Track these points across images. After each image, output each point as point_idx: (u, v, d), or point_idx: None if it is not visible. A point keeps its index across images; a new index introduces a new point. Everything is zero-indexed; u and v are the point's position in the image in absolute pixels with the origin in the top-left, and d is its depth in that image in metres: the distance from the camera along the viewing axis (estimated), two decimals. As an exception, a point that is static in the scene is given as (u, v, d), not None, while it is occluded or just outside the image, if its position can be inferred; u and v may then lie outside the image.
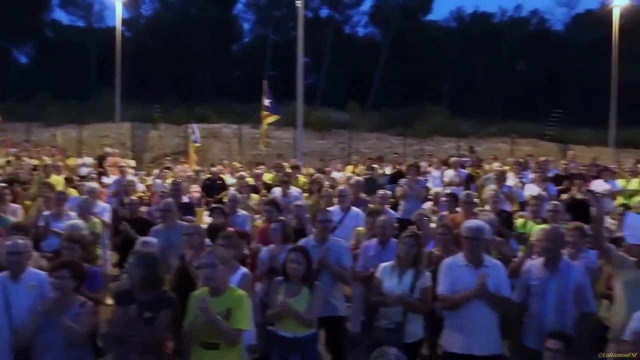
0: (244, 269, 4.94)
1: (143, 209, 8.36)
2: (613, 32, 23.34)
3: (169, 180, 10.50)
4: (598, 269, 5.15)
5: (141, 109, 27.20)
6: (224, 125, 26.73)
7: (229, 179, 11.96)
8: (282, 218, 6.27)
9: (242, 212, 7.60)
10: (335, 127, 27.70)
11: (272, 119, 16.65)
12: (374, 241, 5.71)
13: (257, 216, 7.98)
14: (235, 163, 15.07)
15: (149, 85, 33.98)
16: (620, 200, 8.97)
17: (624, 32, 23.79)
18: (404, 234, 4.86)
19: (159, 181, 12.26)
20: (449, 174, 11.46)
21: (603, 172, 9.93)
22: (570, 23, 43.98)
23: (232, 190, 9.30)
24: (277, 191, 9.12)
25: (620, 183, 9.73)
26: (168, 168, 14.24)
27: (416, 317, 4.69)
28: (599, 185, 9.32)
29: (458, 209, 7.11)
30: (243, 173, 11.56)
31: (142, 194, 10.96)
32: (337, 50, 38.77)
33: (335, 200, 7.45)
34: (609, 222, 7.21)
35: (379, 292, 4.77)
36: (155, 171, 14.32)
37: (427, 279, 4.66)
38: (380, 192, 7.90)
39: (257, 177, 11.04)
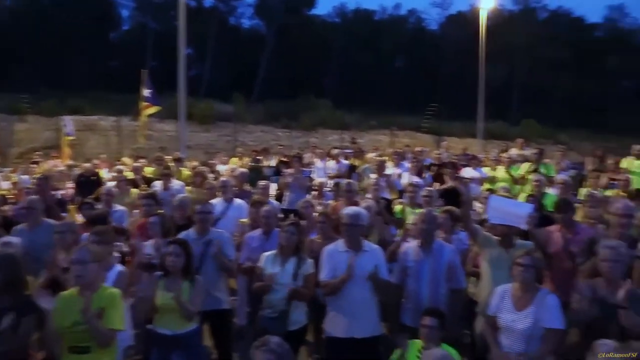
0: (120, 267, 4.68)
1: (8, 207, 7.66)
2: (480, 32, 25.21)
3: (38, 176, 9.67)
4: (468, 249, 5.50)
5: (6, 99, 24.81)
6: (101, 117, 25.15)
7: (106, 174, 11.28)
8: (161, 211, 6.02)
9: (119, 207, 7.20)
10: (220, 119, 27.21)
11: (152, 110, 15.92)
12: (257, 232, 5.67)
13: (135, 211, 7.59)
14: (125, 158, 14.16)
15: (15, 73, 31.05)
16: (486, 186, 9.69)
17: (490, 33, 25.82)
18: (286, 223, 4.88)
19: (25, 177, 11.26)
20: (330, 164, 11.73)
21: (472, 161, 10.71)
22: (444, 23, 46.92)
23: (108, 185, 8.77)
24: (157, 185, 8.77)
25: (486, 170, 10.53)
26: (35, 163, 13.12)
27: (299, 304, 4.73)
28: (468, 173, 10.03)
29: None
30: (121, 167, 10.96)
31: (6, 192, 10.05)
32: (222, 42, 38.08)
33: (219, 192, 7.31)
34: (476, 205, 7.76)
35: (260, 281, 4.75)
36: (23, 167, 13.13)
37: (309, 266, 4.71)
38: (262, 182, 7.85)
39: (137, 170, 10.52)
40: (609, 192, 8.66)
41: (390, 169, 9.82)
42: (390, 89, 39.31)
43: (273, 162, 13.69)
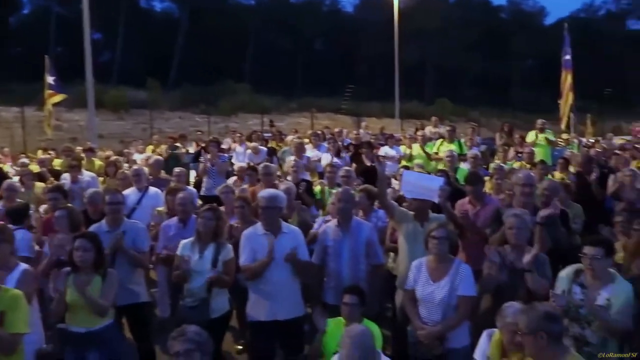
0: (24, 265, 4.37)
1: None
2: (395, 14, 25.72)
3: None
4: (387, 226, 5.60)
5: None
6: (3, 108, 23.44)
7: (10, 169, 10.53)
8: (69, 205, 5.70)
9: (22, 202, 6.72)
10: (134, 106, 26.17)
11: (57, 98, 14.98)
12: (173, 220, 5.50)
13: (43, 207, 7.13)
14: (50, 152, 13.13)
15: None
16: (403, 163, 9.97)
17: (404, 16, 26.41)
18: (202, 209, 4.77)
19: None
20: (238, 149, 11.70)
21: (388, 140, 10.97)
22: (359, 5, 47.46)
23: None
24: (66, 178, 8.27)
25: (403, 149, 10.83)
26: None
27: (221, 291, 4.65)
28: (385, 151, 10.28)
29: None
30: (25, 160, 10.27)
31: None
32: (133, 26, 36.43)
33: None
34: (394, 183, 7.93)
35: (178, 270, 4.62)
36: None
37: (228, 252, 4.63)
38: (178, 169, 7.63)
39: (42, 163, 9.89)
40: (516, 164, 9.15)
41: (310, 151, 9.86)
42: (309, 72, 39.38)
43: (192, 149, 13.36)
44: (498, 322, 3.47)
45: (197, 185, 9.37)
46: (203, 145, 13.18)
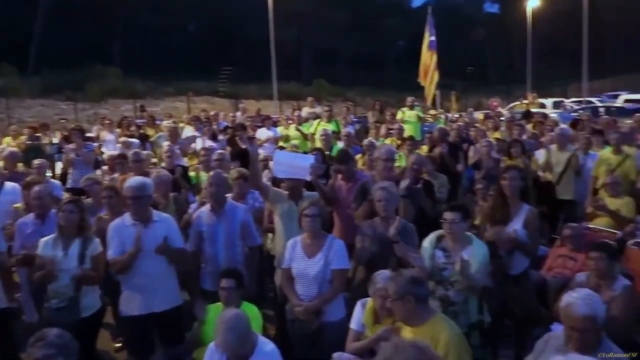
0: None
1: None
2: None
3: None
4: (264, 206, 5.60)
5: None
6: None
7: None
8: None
9: None
10: (-13, 94, 23.69)
11: None
12: (30, 216, 5.06)
13: None
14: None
15: None
16: (280, 144, 10.01)
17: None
18: (63, 201, 4.43)
19: None
20: (108, 137, 11.13)
21: (265, 121, 10.95)
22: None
23: None
24: None
25: (280, 130, 10.88)
26: None
27: (91, 288, 4.39)
28: (262, 133, 10.26)
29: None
30: None
31: None
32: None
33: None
34: (271, 164, 7.94)
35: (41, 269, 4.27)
36: None
37: (96, 246, 4.36)
38: (37, 161, 7.03)
39: None
40: (387, 141, 9.57)
41: (190, 133, 9.61)
42: (184, 55, 37.97)
43: (56, 139, 12.40)
44: (370, 289, 3.63)
45: (63, 177, 8.72)
46: (66, 134, 12.30)
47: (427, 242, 4.05)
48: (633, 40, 56.81)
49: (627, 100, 22.91)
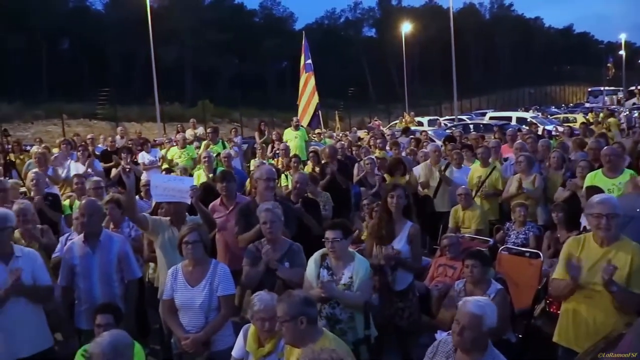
0: None
1: None
2: (148, 13, 24.73)
3: None
4: (141, 234, 5.28)
5: None
6: None
7: None
8: None
9: None
10: None
11: None
12: None
13: None
14: None
15: None
16: (165, 166, 9.66)
17: (157, 15, 25.60)
18: None
19: None
20: None
21: (144, 144, 10.51)
22: (109, 3, 44.63)
23: None
24: None
25: (164, 152, 10.53)
26: None
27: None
28: (143, 157, 9.84)
29: None
30: None
31: None
32: None
33: None
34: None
35: None
36: None
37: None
38: None
39: None
40: (272, 161, 9.58)
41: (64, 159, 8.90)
42: (55, 74, 35.61)
43: None
44: (248, 313, 3.53)
45: None
46: None
47: (312, 261, 4.05)
48: (489, 64, 62.86)
49: (492, 117, 25.01)
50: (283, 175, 8.21)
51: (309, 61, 13.26)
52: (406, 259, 4.52)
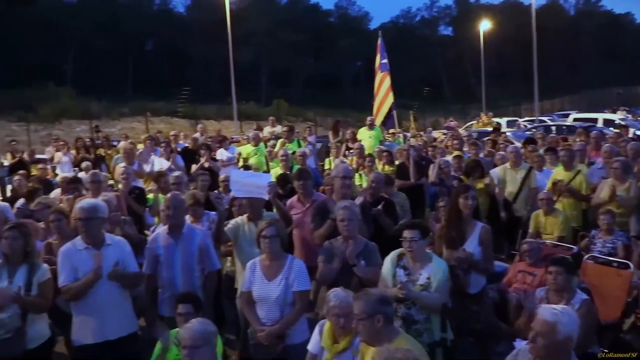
0: None
1: None
2: (227, 15, 25.52)
3: None
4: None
5: None
6: None
7: None
8: None
9: None
10: None
11: None
12: None
13: None
14: None
15: None
16: (241, 163, 9.95)
17: (235, 16, 26.35)
18: (6, 227, 4.19)
19: None
20: (64, 159, 10.87)
21: (222, 142, 10.85)
22: (191, 6, 46.41)
23: None
24: None
25: (241, 149, 10.83)
26: None
27: (38, 317, 4.15)
28: (221, 154, 10.18)
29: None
30: None
31: None
32: None
33: None
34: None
35: None
36: None
37: (44, 272, 4.14)
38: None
39: None
40: (349, 160, 9.60)
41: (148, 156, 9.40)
42: (140, 74, 37.50)
43: (6, 162, 11.97)
44: (324, 309, 3.56)
45: (12, 202, 8.36)
46: (22, 156, 11.93)
47: (388, 260, 4.03)
48: (573, 63, 59.64)
49: (576, 119, 23.81)
50: (357, 175, 8.21)
51: (385, 60, 13.12)
52: (478, 261, 4.42)
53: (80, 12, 36.95)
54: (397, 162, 9.05)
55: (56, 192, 8.28)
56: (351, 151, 10.09)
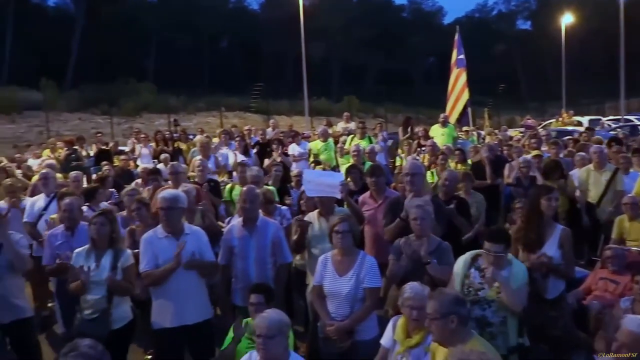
0: None
1: None
2: (300, 11, 25.80)
3: None
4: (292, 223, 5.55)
5: None
6: None
7: None
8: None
9: None
10: (27, 108, 24.40)
11: None
12: (59, 228, 5.11)
13: None
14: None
15: None
16: (311, 159, 10.04)
17: (307, 13, 26.58)
18: (94, 215, 4.47)
19: None
20: (144, 151, 11.38)
21: (295, 137, 11.00)
22: (264, 3, 47.24)
23: None
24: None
25: (312, 145, 10.93)
26: None
27: (122, 299, 4.40)
28: (293, 149, 10.32)
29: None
30: None
31: None
32: (23, 22, 33.93)
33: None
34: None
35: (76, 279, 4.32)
36: None
37: (128, 258, 4.38)
38: (73, 173, 7.20)
39: None
40: (421, 158, 9.46)
41: (220, 150, 9.70)
42: (215, 70, 38.62)
43: (92, 152, 12.69)
44: (399, 300, 3.54)
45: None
46: (106, 147, 12.59)
47: (461, 260, 3.94)
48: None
49: (666, 119, 22.27)
50: (429, 173, 8.08)
51: (462, 56, 12.85)
52: (558, 265, 4.23)
53: (161, 12, 38.53)
54: (469, 161, 8.85)
55: (136, 183, 8.74)
56: (423, 149, 9.94)
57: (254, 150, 10.37)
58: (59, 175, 8.01)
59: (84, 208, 5.62)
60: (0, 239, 4.36)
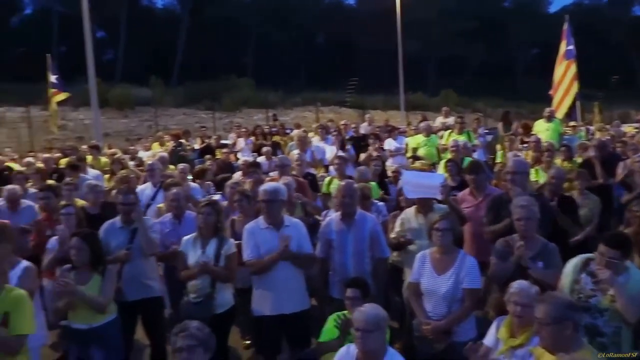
0: (25, 262, 4.34)
1: None
2: (397, 6, 25.51)
3: None
4: (388, 219, 5.54)
5: None
6: (8, 108, 23.42)
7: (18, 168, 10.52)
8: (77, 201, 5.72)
9: (27, 202, 6.66)
10: (138, 104, 26.16)
11: (61, 96, 15.04)
12: (167, 216, 5.44)
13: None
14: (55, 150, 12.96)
15: None
16: (409, 154, 9.91)
17: (403, 6, 26.21)
18: (201, 204, 4.72)
19: None
20: (244, 144, 11.73)
21: (391, 132, 10.90)
22: (360, -3, 47.09)
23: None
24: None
25: (407, 140, 10.79)
26: None
27: (225, 286, 4.61)
28: (389, 144, 10.24)
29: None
30: (31, 159, 10.26)
31: None
32: (135, 23, 36.36)
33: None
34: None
35: (184, 267, 4.59)
36: None
37: (231, 246, 4.59)
38: (180, 165, 7.62)
39: (46, 162, 9.87)
40: (521, 154, 9.04)
41: (317, 144, 9.85)
42: (311, 66, 39.16)
43: (197, 145, 13.36)
44: (506, 296, 3.42)
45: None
46: (209, 141, 13.21)
47: (571, 265, 3.68)
48: None
49: None
50: (533, 170, 7.69)
51: (571, 47, 12.06)
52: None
53: (259, 9, 39.64)
54: (576, 159, 8.32)
55: (237, 175, 9.09)
56: (525, 145, 9.49)
57: (350, 145, 10.41)
58: (171, 167, 8.53)
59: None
60: (135, 224, 4.74)
